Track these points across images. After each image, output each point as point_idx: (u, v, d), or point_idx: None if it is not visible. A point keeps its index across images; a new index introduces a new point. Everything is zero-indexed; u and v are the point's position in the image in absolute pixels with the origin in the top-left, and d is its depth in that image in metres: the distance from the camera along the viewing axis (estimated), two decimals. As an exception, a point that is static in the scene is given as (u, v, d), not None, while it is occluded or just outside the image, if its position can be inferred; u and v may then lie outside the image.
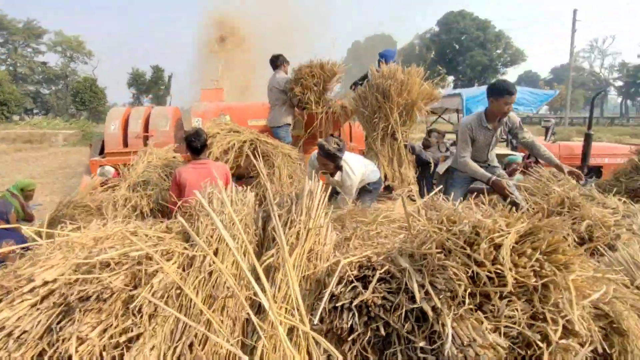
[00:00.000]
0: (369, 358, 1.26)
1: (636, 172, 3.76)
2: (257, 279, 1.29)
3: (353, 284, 1.32)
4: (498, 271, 1.14)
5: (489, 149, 3.58)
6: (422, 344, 1.16)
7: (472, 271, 1.16)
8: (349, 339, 1.26)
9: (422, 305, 1.17)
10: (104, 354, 1.27)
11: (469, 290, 1.16)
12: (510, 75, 68.00)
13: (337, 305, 1.30)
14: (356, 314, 1.26)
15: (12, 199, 4.16)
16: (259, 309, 1.42)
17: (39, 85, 53.12)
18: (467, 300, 1.14)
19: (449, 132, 7.15)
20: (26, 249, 1.88)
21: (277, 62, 5.29)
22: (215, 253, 1.44)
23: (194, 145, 3.35)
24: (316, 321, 1.30)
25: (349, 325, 1.26)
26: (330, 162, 3.19)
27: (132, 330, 1.31)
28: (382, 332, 1.23)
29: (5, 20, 48.68)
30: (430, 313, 1.15)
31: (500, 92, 3.19)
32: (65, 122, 37.97)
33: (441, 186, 4.67)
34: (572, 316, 1.13)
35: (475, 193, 4.34)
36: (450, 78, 53.15)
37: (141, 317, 1.33)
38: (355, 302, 1.27)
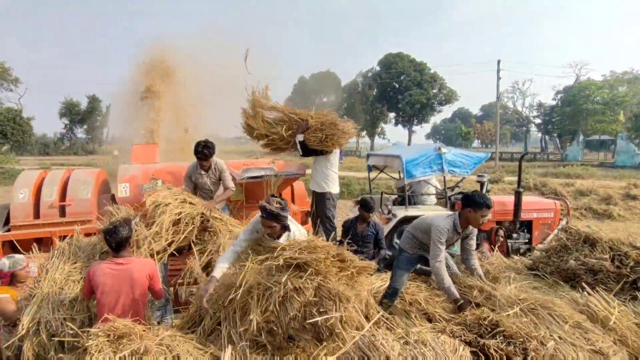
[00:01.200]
0: None
1: (566, 251, 3.89)
2: None
3: None
4: None
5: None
6: None
7: None
8: None
9: None
10: None
11: None
12: (446, 112, 73.12)
13: None
14: None
15: None
16: None
17: (-48, 114, 47.79)
18: None
19: (389, 194, 7.21)
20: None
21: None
22: None
23: (109, 243, 2.91)
24: None
25: None
26: (276, 223, 2.97)
27: None
28: None
29: None
30: None
31: (479, 205, 3.24)
32: (-19, 157, 34.37)
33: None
34: None
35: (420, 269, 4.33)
36: (392, 114, 55.89)
37: None
38: None
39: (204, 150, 4.53)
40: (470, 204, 3.32)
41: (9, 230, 4.82)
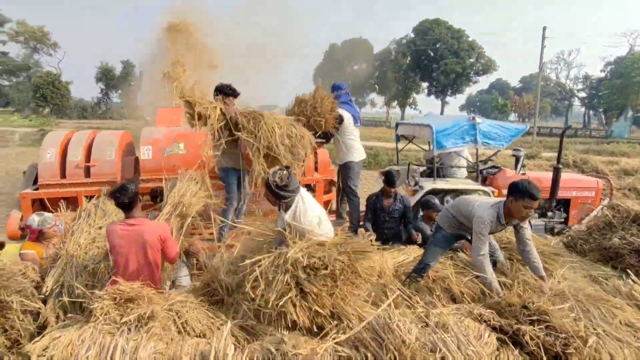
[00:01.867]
0: None
1: (609, 229, 3.57)
2: None
3: None
4: None
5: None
6: None
7: None
8: None
9: None
10: None
11: None
12: (483, 83, 69.73)
13: None
14: None
15: None
16: None
17: (-2, 76, 49.99)
18: None
19: (417, 165, 6.88)
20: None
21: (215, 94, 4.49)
22: None
23: (120, 200, 2.84)
24: None
25: None
26: (274, 198, 2.76)
27: None
28: None
29: (-38, 6, 45.53)
30: None
31: (521, 194, 2.83)
32: (24, 119, 35.95)
33: None
34: None
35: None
36: (425, 84, 53.87)
37: None
38: None
39: (230, 88, 4.41)
40: (512, 191, 2.92)
41: (37, 189, 4.92)
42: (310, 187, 5.89)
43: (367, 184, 13.45)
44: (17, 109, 46.05)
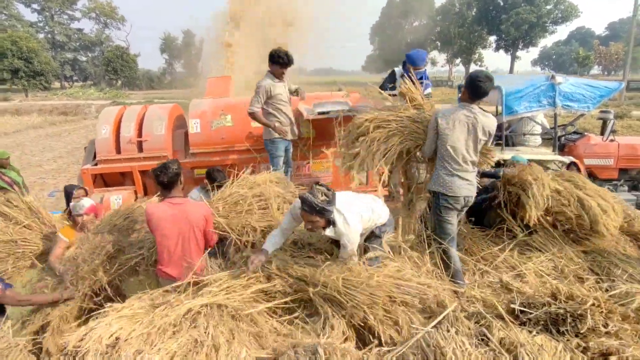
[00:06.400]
0: None
1: None
2: None
3: None
4: None
5: None
6: None
7: None
8: None
9: None
10: None
11: None
12: (561, 33, 61.96)
13: None
14: None
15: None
16: None
17: (76, 52, 53.89)
18: None
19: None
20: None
21: (270, 60, 4.39)
22: None
23: (161, 179, 2.71)
24: None
25: None
26: (318, 218, 2.54)
27: None
28: None
29: (40, -15, 48.92)
30: None
31: None
32: (99, 92, 38.67)
33: None
34: None
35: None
36: (492, 38, 49.20)
37: None
38: None
39: (287, 56, 4.34)
40: None
41: (96, 164, 5.10)
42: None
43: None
44: (94, 83, 49.67)
